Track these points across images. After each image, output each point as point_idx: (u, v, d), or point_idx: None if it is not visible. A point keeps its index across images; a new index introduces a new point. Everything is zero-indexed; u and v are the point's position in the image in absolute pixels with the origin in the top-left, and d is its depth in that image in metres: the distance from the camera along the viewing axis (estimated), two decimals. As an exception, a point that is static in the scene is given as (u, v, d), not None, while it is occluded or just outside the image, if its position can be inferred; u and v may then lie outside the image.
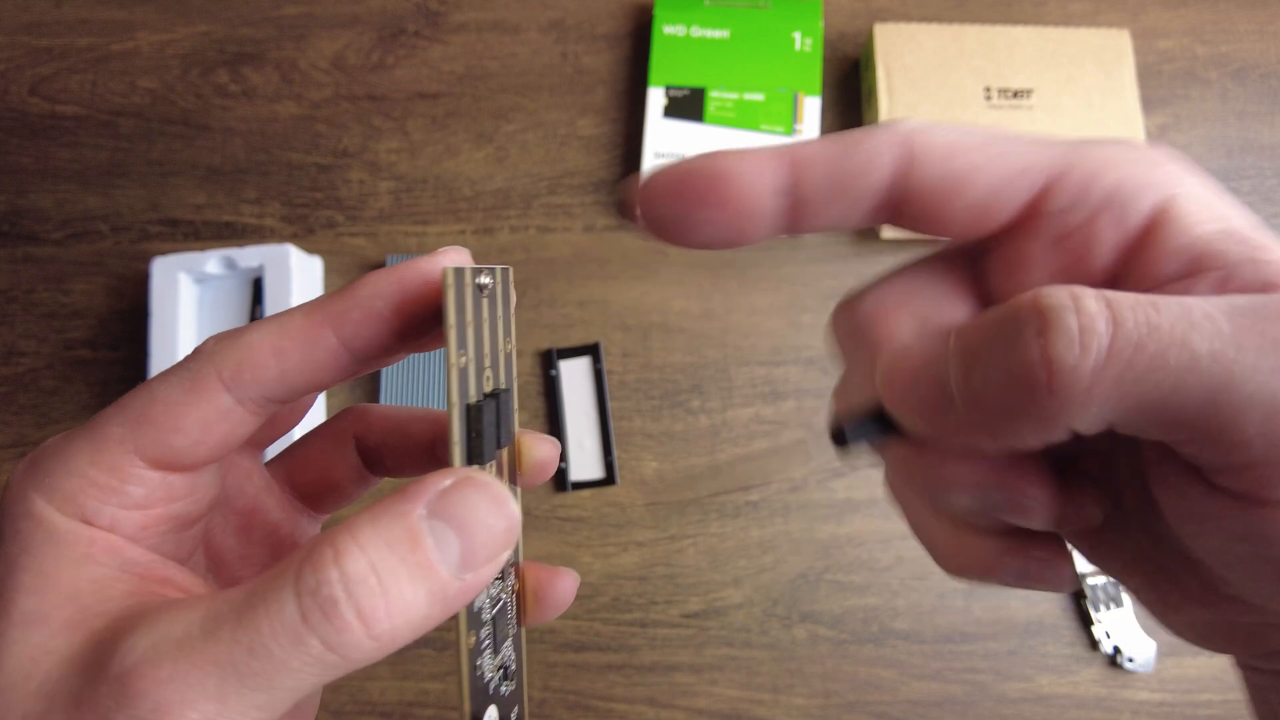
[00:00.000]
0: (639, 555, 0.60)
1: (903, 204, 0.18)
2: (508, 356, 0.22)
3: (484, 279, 0.20)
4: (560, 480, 0.61)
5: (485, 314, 0.20)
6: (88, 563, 0.18)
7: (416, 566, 0.16)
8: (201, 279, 0.61)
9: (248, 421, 0.19)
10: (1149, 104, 0.66)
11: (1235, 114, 0.67)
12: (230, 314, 0.62)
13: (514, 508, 0.18)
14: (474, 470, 0.18)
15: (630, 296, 0.63)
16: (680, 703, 0.57)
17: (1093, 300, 0.14)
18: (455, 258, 0.20)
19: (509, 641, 0.22)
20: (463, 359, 0.19)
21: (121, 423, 0.18)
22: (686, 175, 0.18)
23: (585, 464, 0.61)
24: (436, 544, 0.17)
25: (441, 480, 0.17)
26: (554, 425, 0.62)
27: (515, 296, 0.22)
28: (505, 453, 0.22)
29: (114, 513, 0.18)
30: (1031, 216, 0.18)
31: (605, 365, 0.62)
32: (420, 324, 0.20)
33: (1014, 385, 0.14)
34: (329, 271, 0.64)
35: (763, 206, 0.18)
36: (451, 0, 0.70)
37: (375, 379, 0.62)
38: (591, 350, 0.63)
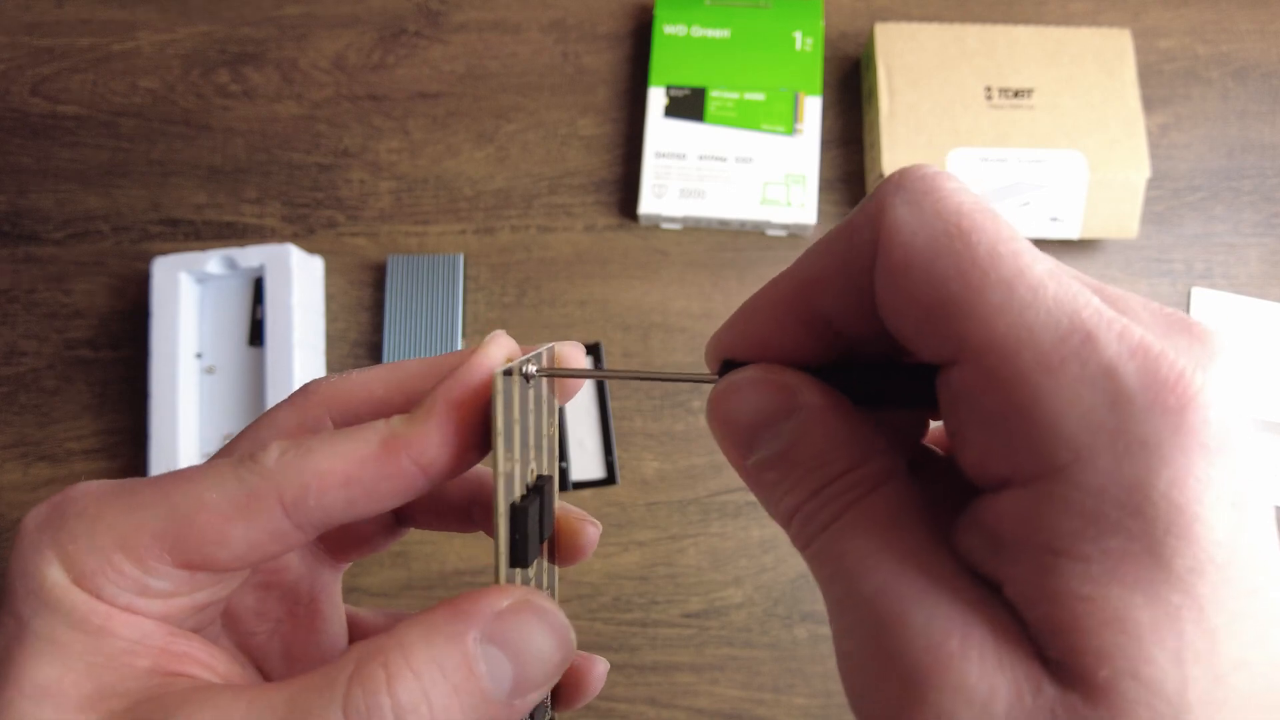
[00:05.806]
0: (640, 555, 0.60)
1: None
2: (550, 439, 0.22)
3: (530, 368, 0.19)
4: (561, 480, 0.61)
5: (531, 403, 0.19)
6: (104, 635, 0.17)
7: (469, 695, 0.16)
8: (202, 279, 0.61)
9: (300, 542, 0.18)
10: (1150, 103, 0.66)
11: (1236, 113, 0.67)
12: (231, 314, 0.62)
13: (570, 635, 0.18)
14: (532, 592, 0.18)
15: (630, 296, 0.63)
16: (681, 702, 0.57)
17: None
18: (501, 349, 0.19)
19: None
20: (509, 464, 0.18)
21: (162, 518, 0.17)
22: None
23: (586, 464, 0.61)
24: (490, 671, 0.16)
25: (498, 600, 0.17)
26: (554, 425, 0.62)
27: (570, 392, 0.22)
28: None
29: (131, 599, 0.17)
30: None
31: (606, 365, 0.62)
32: (481, 429, 0.19)
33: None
34: (330, 271, 0.64)
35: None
36: (452, 0, 0.70)
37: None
38: (592, 350, 0.63)
